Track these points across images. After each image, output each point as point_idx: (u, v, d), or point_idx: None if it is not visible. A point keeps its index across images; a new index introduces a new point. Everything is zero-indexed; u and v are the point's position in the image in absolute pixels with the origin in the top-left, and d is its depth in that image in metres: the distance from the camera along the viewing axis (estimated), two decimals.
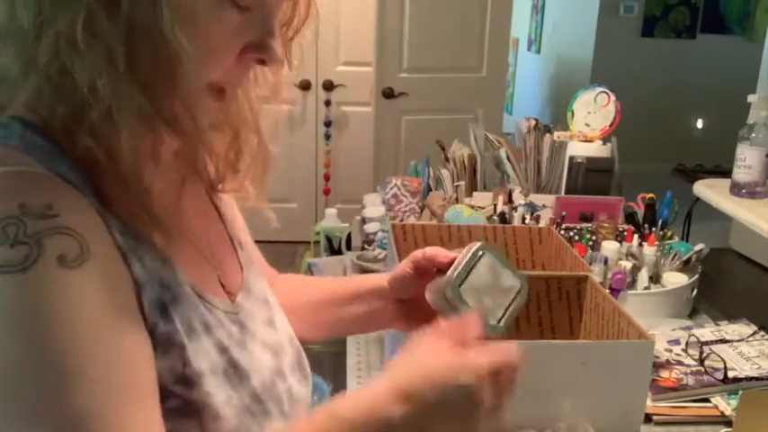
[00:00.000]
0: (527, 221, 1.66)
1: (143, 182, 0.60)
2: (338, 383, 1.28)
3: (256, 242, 0.88)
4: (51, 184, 0.56)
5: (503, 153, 1.95)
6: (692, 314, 1.47)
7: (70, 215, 0.55)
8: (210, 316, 0.68)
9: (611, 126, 1.89)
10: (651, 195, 1.72)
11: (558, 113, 3.47)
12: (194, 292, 0.67)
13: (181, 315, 0.64)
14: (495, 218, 1.70)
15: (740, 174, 1.76)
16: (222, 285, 0.74)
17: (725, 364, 1.17)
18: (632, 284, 1.43)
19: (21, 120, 0.60)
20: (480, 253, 0.77)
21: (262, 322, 0.77)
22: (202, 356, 0.65)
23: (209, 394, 0.64)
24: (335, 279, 1.01)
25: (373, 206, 1.88)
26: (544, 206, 1.74)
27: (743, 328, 1.34)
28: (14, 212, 0.53)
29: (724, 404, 1.12)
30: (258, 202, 0.80)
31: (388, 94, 3.35)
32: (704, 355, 1.20)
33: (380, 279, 0.90)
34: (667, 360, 1.22)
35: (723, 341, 1.28)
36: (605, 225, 1.59)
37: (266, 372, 0.72)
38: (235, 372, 0.68)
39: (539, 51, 6.60)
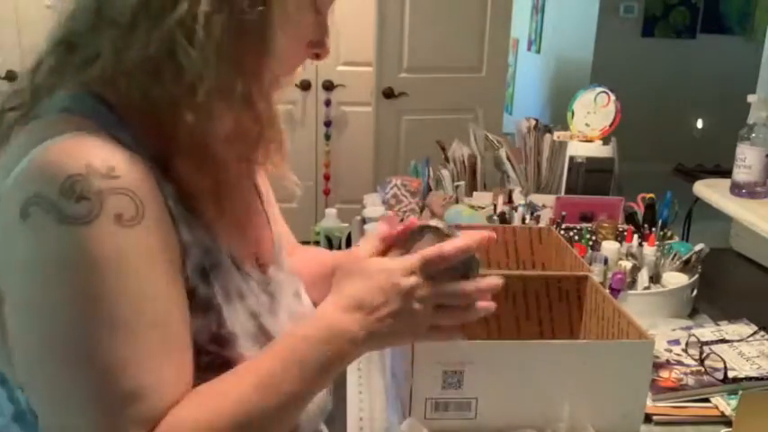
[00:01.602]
0: (527, 221, 1.66)
1: (222, 163, 0.67)
2: (338, 383, 1.28)
3: None
4: (115, 149, 0.62)
5: (503, 153, 1.95)
6: (692, 314, 1.47)
7: (130, 178, 0.61)
8: (245, 284, 0.75)
9: (611, 126, 1.89)
10: (651, 195, 1.71)
11: (558, 113, 3.47)
12: (232, 261, 0.73)
13: (219, 281, 0.70)
14: (495, 218, 1.70)
15: (740, 174, 1.76)
16: (256, 258, 0.80)
17: (725, 364, 1.17)
18: (632, 284, 1.43)
19: (91, 93, 0.66)
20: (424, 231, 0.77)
21: (289, 294, 0.84)
22: (235, 320, 0.71)
23: (240, 354, 0.70)
24: (340, 253, 1.05)
25: (373, 206, 1.88)
26: (544, 206, 1.74)
27: (743, 328, 1.34)
28: (81, 170, 0.59)
29: (724, 404, 1.12)
30: (285, 172, 0.87)
31: (388, 94, 3.35)
32: (704, 355, 1.20)
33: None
34: (667, 360, 1.22)
35: (723, 341, 1.28)
36: (605, 225, 1.59)
37: None
38: (264, 336, 0.74)
39: (539, 51, 6.60)
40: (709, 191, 1.87)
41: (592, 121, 1.89)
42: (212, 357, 0.68)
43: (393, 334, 0.71)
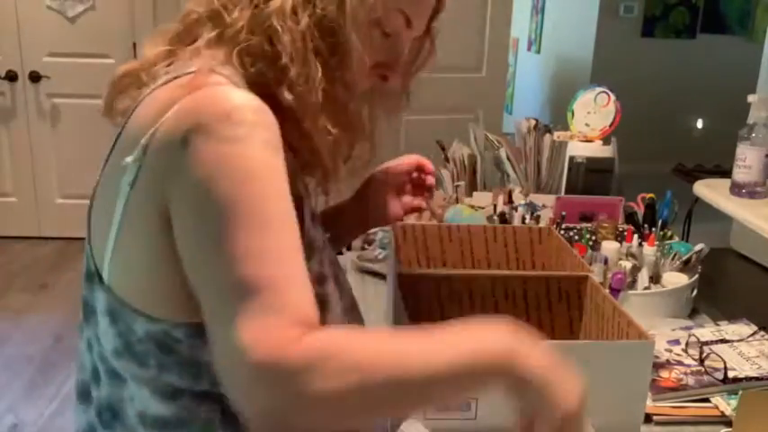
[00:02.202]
0: (527, 221, 1.66)
1: (316, 127, 0.77)
2: None
3: None
4: (255, 98, 0.71)
5: (503, 153, 1.95)
6: (692, 314, 1.47)
7: (272, 119, 0.71)
8: (321, 236, 0.87)
9: (611, 126, 1.89)
10: (651, 195, 1.71)
11: (558, 113, 3.47)
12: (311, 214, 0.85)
13: (317, 229, 0.84)
14: (495, 218, 1.70)
15: (740, 174, 1.76)
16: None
17: (725, 364, 1.17)
18: (632, 284, 1.43)
19: (220, 62, 0.76)
20: None
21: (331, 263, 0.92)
22: (325, 264, 0.83)
23: (330, 294, 0.82)
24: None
25: None
26: (544, 206, 1.74)
27: (743, 328, 1.34)
28: (237, 104, 0.69)
29: (724, 404, 1.12)
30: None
31: None
32: (704, 355, 1.20)
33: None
34: (667, 360, 1.22)
35: (723, 341, 1.28)
36: (605, 225, 1.59)
37: (338, 308, 0.87)
38: (332, 280, 0.85)
39: (539, 51, 6.60)
40: (709, 191, 1.87)
41: (592, 121, 1.89)
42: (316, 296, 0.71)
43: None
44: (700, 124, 5.83)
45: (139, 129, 0.72)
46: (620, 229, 1.62)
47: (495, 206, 1.76)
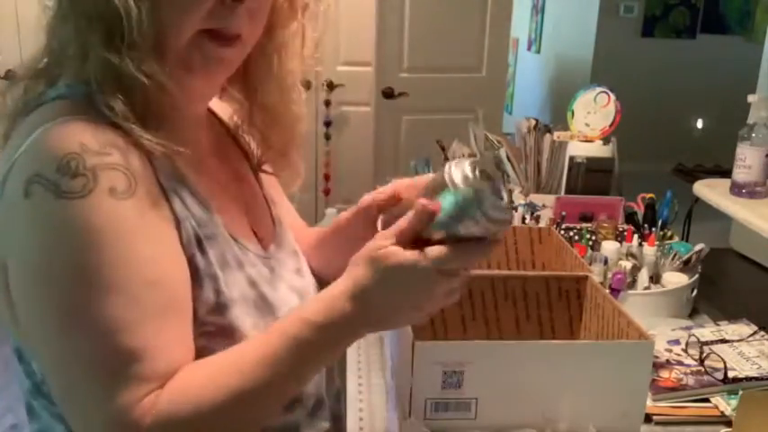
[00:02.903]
0: (527, 221, 1.66)
1: (180, 128, 0.72)
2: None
3: None
4: (106, 129, 0.66)
5: (503, 153, 1.95)
6: (692, 314, 1.47)
7: (121, 155, 0.66)
8: (243, 255, 0.78)
9: (611, 126, 1.89)
10: (651, 195, 1.71)
11: (558, 113, 3.46)
12: (228, 233, 0.77)
13: (215, 250, 0.74)
14: None
15: (740, 174, 1.76)
16: (255, 234, 0.85)
17: (725, 364, 1.17)
18: (632, 284, 1.43)
19: (84, 81, 0.69)
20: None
21: (290, 270, 0.88)
22: (234, 287, 0.75)
23: (238, 319, 0.74)
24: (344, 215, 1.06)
25: None
26: (544, 206, 1.74)
27: (743, 328, 1.34)
28: (76, 149, 0.64)
29: (724, 404, 1.12)
30: (296, 179, 0.93)
31: (388, 94, 3.35)
32: (704, 355, 1.20)
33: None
34: (667, 360, 1.22)
35: (723, 341, 1.28)
36: (605, 225, 1.59)
37: (290, 307, 0.81)
38: (264, 303, 0.78)
39: (539, 51, 6.60)
40: (709, 191, 1.87)
41: (592, 121, 1.89)
42: (212, 327, 0.72)
43: (395, 319, 0.73)
44: (700, 124, 5.83)
45: (5, 158, 0.69)
46: (620, 229, 1.62)
47: None
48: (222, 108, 0.93)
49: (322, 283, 0.93)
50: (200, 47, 0.71)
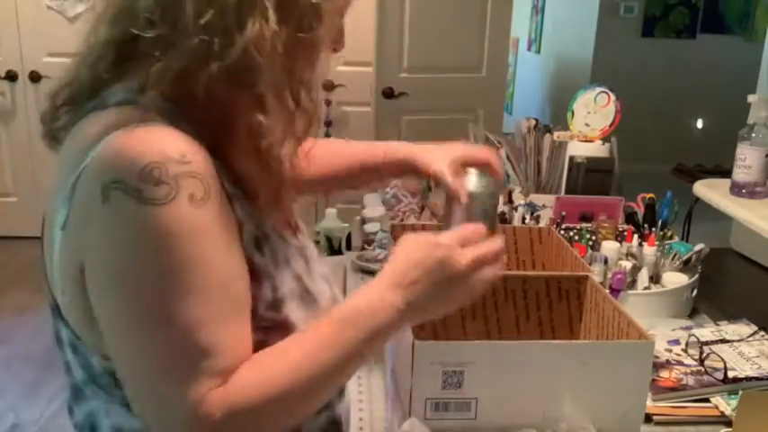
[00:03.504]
0: (527, 221, 1.66)
1: (274, 158, 0.75)
2: None
3: None
4: (181, 137, 0.69)
5: (503, 153, 1.95)
6: (692, 314, 1.47)
7: (198, 163, 0.69)
8: (288, 250, 0.83)
9: (611, 126, 1.89)
10: (651, 195, 1.71)
11: (558, 113, 3.46)
12: (276, 232, 0.81)
13: (270, 250, 0.79)
14: None
15: (740, 174, 1.76)
16: (288, 224, 0.88)
17: (725, 364, 1.17)
18: (632, 284, 1.43)
19: (152, 87, 0.72)
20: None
21: (314, 256, 0.91)
22: (285, 283, 0.79)
23: (292, 313, 0.78)
24: (362, 151, 1.15)
25: (373, 206, 1.88)
26: (544, 206, 1.74)
27: (743, 328, 1.34)
28: (158, 158, 0.66)
29: (724, 404, 1.12)
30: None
31: (388, 94, 3.35)
32: (704, 355, 1.20)
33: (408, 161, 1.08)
34: (667, 360, 1.22)
35: (723, 341, 1.28)
36: (605, 225, 1.59)
37: (328, 298, 0.86)
38: (308, 296, 0.82)
39: (539, 51, 6.60)
40: (709, 191, 1.87)
41: (592, 121, 1.89)
42: (269, 323, 0.76)
43: (433, 305, 0.79)
44: (700, 124, 5.83)
45: (71, 161, 0.71)
46: (620, 229, 1.62)
47: None
48: None
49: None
50: None
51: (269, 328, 0.76)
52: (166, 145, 0.68)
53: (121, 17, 0.75)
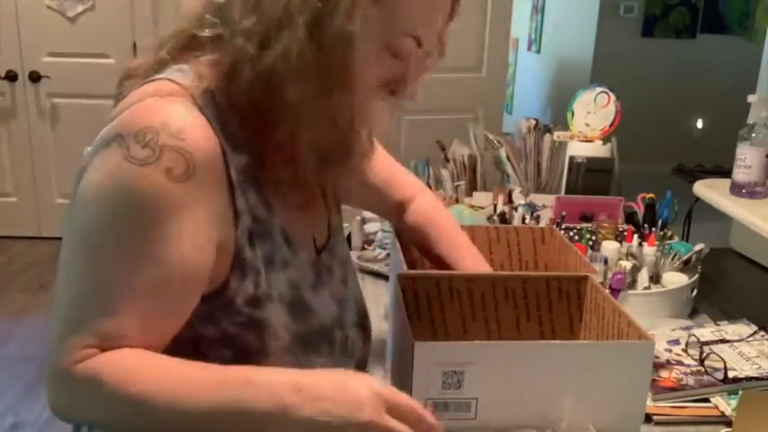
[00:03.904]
0: (527, 221, 1.66)
1: (308, 164, 0.78)
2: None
3: None
4: (193, 117, 0.73)
5: (503, 153, 1.95)
6: (692, 314, 1.47)
7: (193, 143, 0.71)
8: (291, 257, 0.83)
9: (611, 126, 1.89)
10: (651, 195, 1.71)
11: (558, 113, 3.46)
12: (283, 235, 0.82)
13: (265, 248, 0.79)
14: (495, 218, 1.70)
15: (740, 174, 1.76)
16: (314, 239, 0.89)
17: (725, 364, 1.17)
18: (632, 284, 1.43)
19: (196, 73, 0.78)
20: None
21: (337, 278, 0.92)
22: (274, 285, 0.80)
23: (271, 316, 0.79)
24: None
25: None
26: (544, 206, 1.74)
27: (743, 328, 1.34)
28: (156, 125, 0.71)
29: (724, 404, 1.12)
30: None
31: None
32: (704, 355, 1.20)
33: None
34: (667, 360, 1.22)
35: (723, 341, 1.28)
36: (605, 225, 1.59)
37: (328, 317, 0.87)
38: (300, 306, 0.82)
39: (539, 51, 6.59)
40: (710, 191, 1.87)
41: (592, 121, 1.89)
42: (245, 318, 0.77)
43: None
44: (700, 124, 5.82)
45: (112, 118, 0.76)
46: (620, 229, 1.62)
47: (495, 206, 1.76)
48: None
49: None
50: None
51: (244, 323, 0.77)
52: (171, 118, 0.72)
53: (189, 15, 0.81)
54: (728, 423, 1.07)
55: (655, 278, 1.46)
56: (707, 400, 1.13)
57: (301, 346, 0.83)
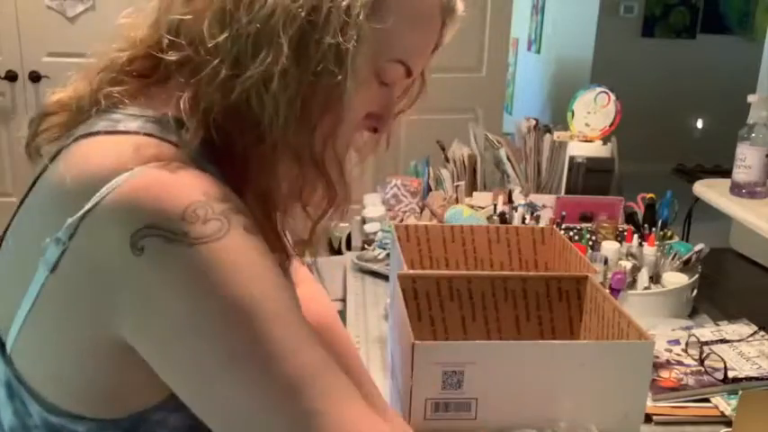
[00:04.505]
0: (527, 221, 1.66)
1: (281, 208, 0.70)
2: None
3: None
4: (212, 177, 0.63)
5: (503, 153, 1.95)
6: (692, 314, 1.47)
7: (237, 201, 0.63)
8: None
9: (611, 126, 1.89)
10: (651, 195, 1.71)
11: (558, 113, 3.46)
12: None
13: None
14: (495, 218, 1.70)
15: (740, 174, 1.76)
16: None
17: (725, 364, 1.17)
18: (632, 284, 1.43)
19: (174, 118, 0.65)
20: None
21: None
22: None
23: None
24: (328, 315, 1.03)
25: (373, 206, 1.88)
26: (544, 206, 1.75)
27: (743, 328, 1.34)
28: (201, 198, 0.60)
29: (724, 404, 1.12)
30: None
31: None
32: (704, 355, 1.20)
33: None
34: (667, 360, 1.22)
35: (723, 341, 1.28)
36: (605, 225, 1.60)
37: None
38: None
39: (539, 51, 6.59)
40: (709, 191, 1.87)
41: (592, 121, 1.89)
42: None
43: None
44: (700, 124, 5.83)
45: (63, 192, 0.61)
46: (620, 229, 1.62)
47: (495, 206, 1.76)
48: None
49: None
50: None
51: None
52: (203, 185, 0.61)
53: (140, 38, 0.69)
54: (728, 423, 1.07)
55: (655, 278, 1.46)
56: (707, 400, 1.13)
57: None
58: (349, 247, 1.89)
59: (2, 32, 3.83)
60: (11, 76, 3.86)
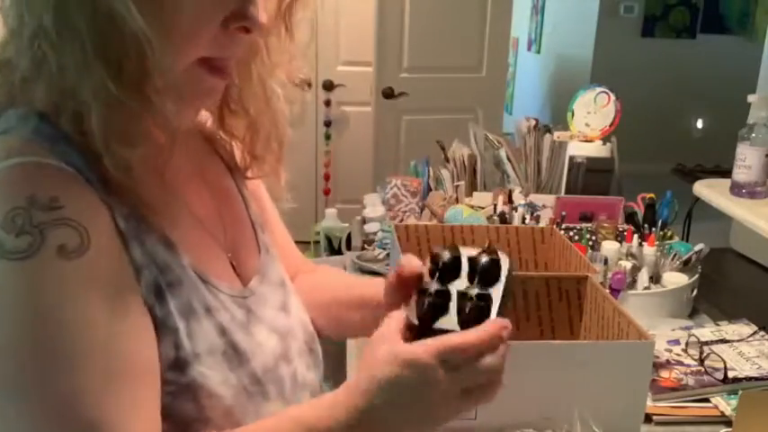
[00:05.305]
0: (527, 221, 1.66)
1: (125, 164, 0.60)
2: (338, 383, 1.28)
3: None
4: (60, 176, 0.58)
5: (503, 153, 1.95)
6: (692, 314, 1.47)
7: (75, 206, 0.58)
8: (213, 299, 0.70)
9: (611, 126, 1.89)
10: (651, 195, 1.72)
11: (558, 113, 3.46)
12: (197, 275, 0.69)
13: (178, 297, 0.66)
14: (495, 218, 1.70)
15: (740, 174, 1.76)
16: (234, 269, 0.76)
17: (725, 364, 1.17)
18: (632, 284, 1.43)
19: (37, 112, 0.62)
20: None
21: (274, 307, 0.79)
22: (200, 337, 0.67)
23: (203, 375, 0.66)
24: (343, 282, 1.00)
25: (373, 206, 1.88)
26: (544, 206, 1.74)
27: (743, 328, 1.34)
28: (22, 204, 0.56)
29: (724, 404, 1.12)
30: (277, 187, 0.83)
31: (388, 94, 3.34)
32: (704, 355, 1.20)
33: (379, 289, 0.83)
34: (667, 360, 1.22)
35: (723, 341, 1.28)
36: (605, 225, 1.60)
37: (269, 355, 0.74)
38: (234, 353, 0.70)
39: (539, 51, 6.59)
40: (709, 191, 1.87)
41: (592, 121, 1.89)
42: (174, 386, 0.64)
43: (413, 423, 0.63)
44: (700, 124, 5.83)
45: None
46: (620, 230, 1.62)
47: (495, 206, 1.76)
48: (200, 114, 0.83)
49: (320, 334, 0.88)
50: (194, 76, 0.65)
51: (175, 392, 0.65)
52: (36, 187, 0.57)
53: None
54: (728, 423, 1.07)
55: (655, 278, 1.46)
56: (707, 400, 1.13)
57: (246, 397, 0.70)
58: (349, 247, 1.89)
59: (1, 32, 3.83)
60: None
